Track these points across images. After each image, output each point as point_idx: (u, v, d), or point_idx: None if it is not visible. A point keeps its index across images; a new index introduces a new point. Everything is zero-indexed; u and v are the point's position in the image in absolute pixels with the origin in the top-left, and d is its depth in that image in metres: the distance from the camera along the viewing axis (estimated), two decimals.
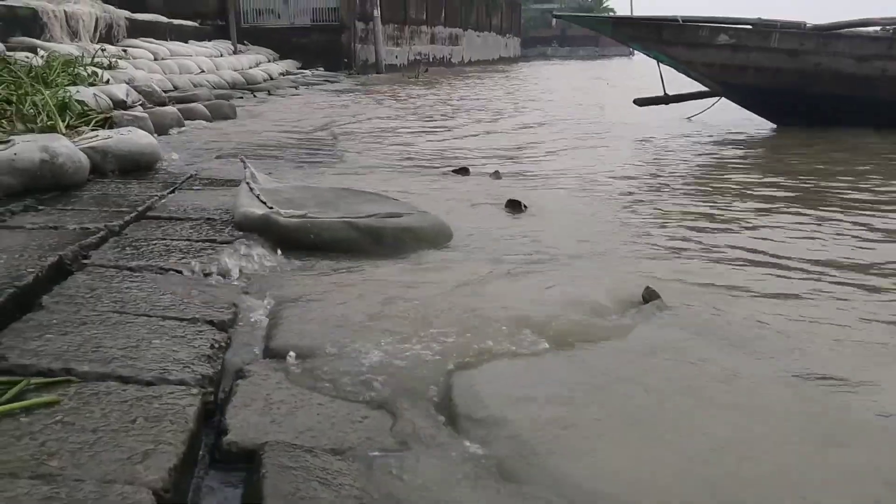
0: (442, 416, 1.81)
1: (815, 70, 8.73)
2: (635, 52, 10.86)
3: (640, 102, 10.25)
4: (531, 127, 9.79)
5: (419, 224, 3.44)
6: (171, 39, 17.91)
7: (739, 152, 7.56)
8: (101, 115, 5.80)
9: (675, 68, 9.50)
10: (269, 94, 15.37)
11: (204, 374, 1.84)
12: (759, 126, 9.34)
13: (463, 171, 5.73)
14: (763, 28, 8.94)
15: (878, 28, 8.91)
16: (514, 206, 4.29)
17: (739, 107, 9.64)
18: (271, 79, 18.57)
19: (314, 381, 1.94)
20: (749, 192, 5.13)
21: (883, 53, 8.61)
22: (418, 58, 32.62)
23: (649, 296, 2.64)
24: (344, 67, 25.61)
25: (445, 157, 6.74)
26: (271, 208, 3.44)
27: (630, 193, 5.15)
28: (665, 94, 9.90)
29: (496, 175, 5.51)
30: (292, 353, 2.08)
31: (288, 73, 21.36)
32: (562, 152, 7.20)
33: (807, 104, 8.75)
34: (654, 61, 9.69)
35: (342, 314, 2.41)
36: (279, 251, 3.14)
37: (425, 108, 12.66)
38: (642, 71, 11.33)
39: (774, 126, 9.28)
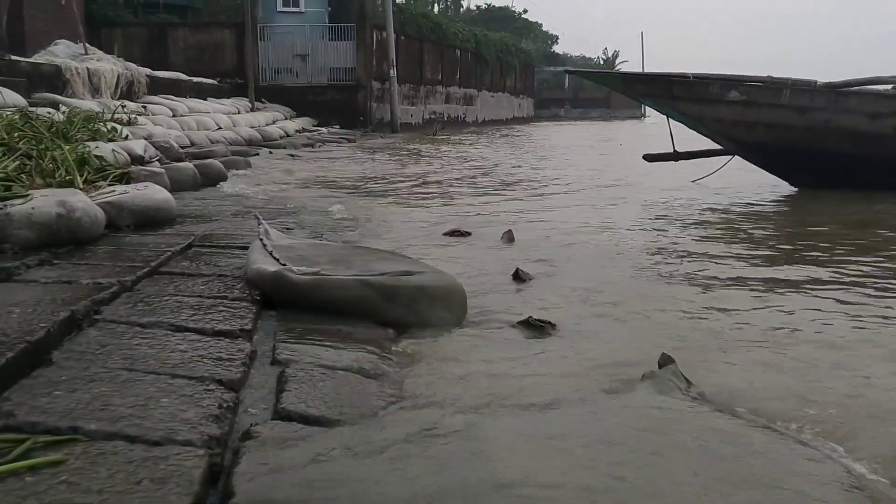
0: None
1: (825, 127, 8.73)
2: (646, 113, 10.96)
3: (650, 158, 10.29)
4: (543, 185, 9.86)
5: (433, 283, 3.42)
6: (191, 96, 18.26)
7: (756, 219, 7.57)
8: (119, 171, 5.87)
9: (686, 124, 9.50)
10: (285, 150, 15.57)
11: (211, 434, 1.82)
12: (777, 187, 9.29)
13: (463, 234, 5.70)
14: (774, 85, 8.98)
15: (889, 86, 8.95)
16: (519, 276, 4.26)
17: (755, 167, 9.62)
18: (287, 136, 18.85)
19: (325, 445, 1.92)
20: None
21: (895, 111, 8.64)
22: (433, 116, 33.06)
23: (664, 361, 2.62)
24: (359, 125, 26.01)
25: (460, 219, 6.76)
26: (284, 265, 3.43)
27: (644, 258, 5.13)
28: (675, 150, 9.93)
29: (509, 237, 5.51)
30: (302, 416, 2.06)
31: (304, 130, 21.68)
32: (573, 212, 7.21)
33: (817, 162, 8.74)
34: (664, 121, 9.74)
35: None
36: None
37: (445, 168, 12.79)
38: (653, 132, 11.41)
39: (795, 189, 9.21)
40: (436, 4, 75.78)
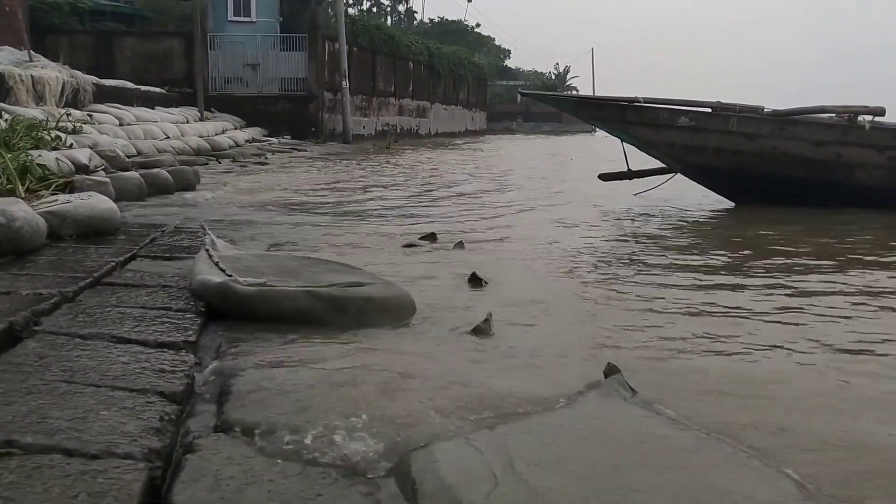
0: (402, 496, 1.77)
1: (772, 153, 9.00)
2: (597, 129, 11.07)
3: (605, 178, 10.44)
4: (491, 194, 9.93)
5: (382, 294, 3.42)
6: (138, 105, 17.99)
7: (706, 228, 7.72)
8: (62, 180, 5.77)
9: (638, 147, 9.70)
10: (234, 160, 15.42)
11: (152, 447, 1.79)
12: (720, 202, 9.53)
13: (430, 237, 5.80)
14: (722, 112, 9.21)
15: (833, 115, 9.22)
16: (476, 281, 4.29)
17: (697, 183, 9.84)
18: (237, 146, 18.69)
19: (265, 457, 1.90)
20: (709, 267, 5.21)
21: (837, 139, 8.93)
22: (385, 128, 33.05)
23: (610, 371, 2.65)
24: (311, 136, 25.90)
25: (415, 224, 6.77)
26: (230, 276, 3.40)
27: (593, 266, 5.19)
28: (628, 169, 10.10)
29: (460, 246, 5.54)
30: (243, 428, 2.04)
31: (254, 140, 21.51)
32: (526, 224, 7.28)
33: (765, 185, 8.99)
34: (616, 138, 9.90)
35: (298, 389, 2.37)
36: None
37: (399, 176, 12.79)
38: (603, 146, 11.56)
39: (733, 204, 9.47)
40: (389, 16, 76.01)
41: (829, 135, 8.96)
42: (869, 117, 8.84)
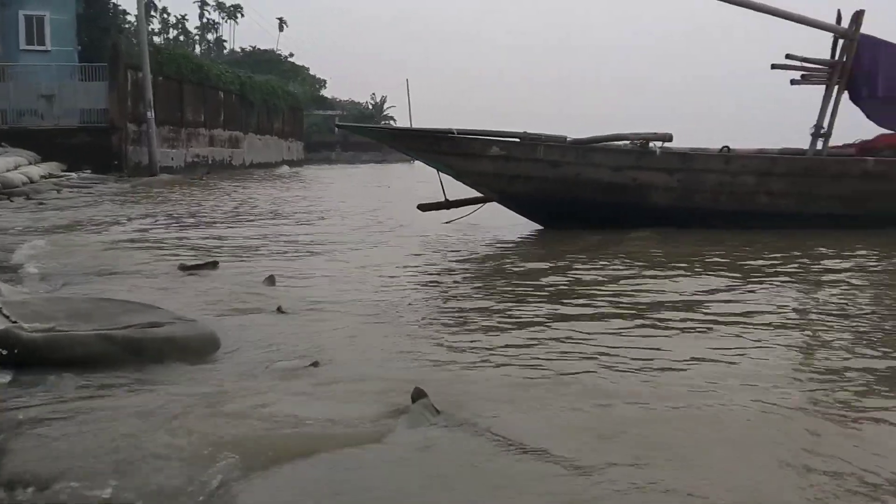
0: None
1: (576, 179, 9.43)
2: (415, 159, 11.15)
3: (424, 208, 10.55)
4: (311, 225, 9.79)
5: (183, 333, 3.24)
6: None
7: (515, 252, 7.95)
8: None
9: (453, 176, 9.89)
10: (28, 198, 14.36)
11: None
12: (531, 227, 9.85)
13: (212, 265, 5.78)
14: (529, 141, 9.58)
15: (628, 142, 9.81)
16: (284, 313, 4.17)
17: (511, 210, 10.14)
18: (31, 182, 17.37)
19: None
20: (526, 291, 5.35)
21: (632, 164, 9.51)
22: (196, 160, 31.94)
23: (417, 395, 2.65)
24: (115, 170, 24.51)
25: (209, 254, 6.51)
26: (14, 322, 3.11)
27: (407, 294, 5.20)
28: (446, 199, 10.27)
29: (271, 280, 5.37)
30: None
31: (51, 175, 20.08)
32: (338, 256, 7.20)
33: (571, 209, 9.39)
34: (433, 168, 10.04)
35: (76, 441, 2.19)
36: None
37: (202, 210, 12.33)
38: (422, 176, 11.68)
39: (542, 228, 9.82)
40: (197, 45, 73.95)
41: (626, 160, 9.54)
42: (659, 143, 9.49)
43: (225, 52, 75.25)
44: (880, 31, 9.49)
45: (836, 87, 9.34)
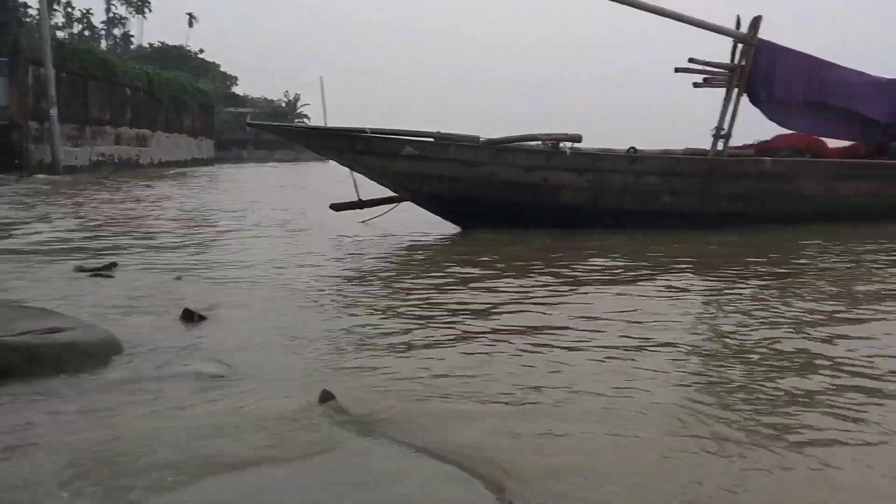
0: None
1: (489, 179, 9.50)
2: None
3: (336, 208, 10.46)
4: (222, 226, 9.61)
5: (83, 339, 3.15)
6: None
7: (429, 251, 7.98)
8: None
9: (368, 176, 9.83)
10: None
11: None
12: (446, 228, 9.88)
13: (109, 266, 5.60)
14: (442, 141, 9.61)
15: (540, 142, 9.94)
16: (190, 316, 4.09)
17: (426, 210, 10.15)
18: None
19: None
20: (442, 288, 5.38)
21: (544, 165, 9.64)
22: (101, 158, 30.97)
23: (325, 397, 2.65)
24: (15, 169, 23.56)
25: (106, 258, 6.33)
26: None
27: (318, 295, 5.16)
28: (359, 199, 10.21)
29: (178, 281, 5.26)
30: None
31: None
32: (250, 253, 7.10)
33: (484, 209, 9.47)
34: (346, 168, 9.97)
35: None
36: None
37: (106, 211, 11.96)
38: (337, 175, 11.56)
39: (459, 230, 9.86)
40: (103, 40, 71.55)
41: (537, 161, 9.67)
42: (570, 144, 9.66)
43: (132, 47, 73.05)
44: (777, 37, 9.90)
45: (736, 90, 9.69)
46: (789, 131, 10.63)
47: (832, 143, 11.26)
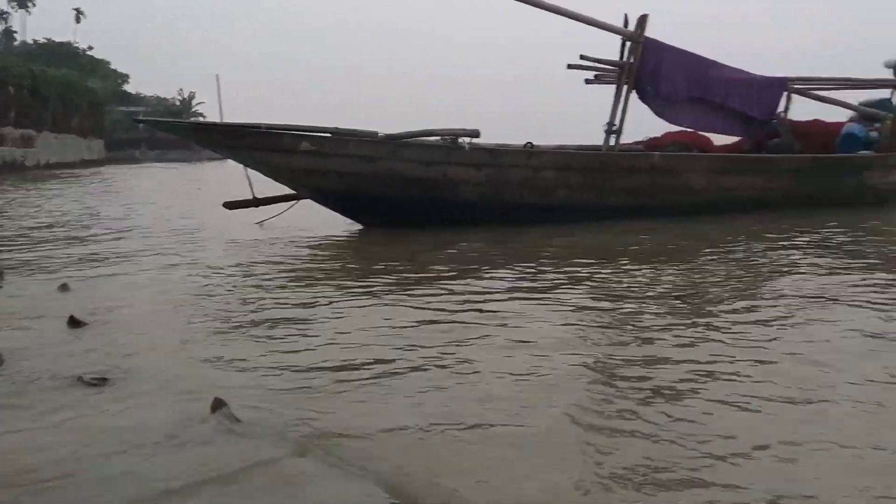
0: None
1: (388, 174, 9.44)
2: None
3: (230, 206, 10.23)
4: (111, 231, 9.28)
5: None
6: None
7: (329, 250, 7.92)
8: None
9: (263, 173, 9.59)
10: None
11: None
12: (349, 226, 9.80)
13: None
14: (341, 136, 9.47)
15: (438, 137, 9.96)
16: (76, 323, 3.95)
17: (325, 208, 10.03)
18: None
19: None
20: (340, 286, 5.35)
21: (443, 160, 9.67)
22: None
23: (217, 405, 2.59)
24: None
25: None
26: None
27: (208, 299, 5.06)
28: (254, 197, 10.00)
29: (63, 288, 5.06)
30: None
31: None
32: (140, 258, 6.89)
33: (384, 206, 9.41)
34: (242, 165, 9.74)
35: None
36: None
37: None
38: (236, 175, 11.25)
39: (360, 227, 9.79)
40: None
41: (436, 156, 9.68)
42: (468, 139, 9.73)
43: (15, 43, 69.75)
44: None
45: (626, 87, 9.97)
46: (678, 128, 11.02)
47: (719, 139, 11.78)
